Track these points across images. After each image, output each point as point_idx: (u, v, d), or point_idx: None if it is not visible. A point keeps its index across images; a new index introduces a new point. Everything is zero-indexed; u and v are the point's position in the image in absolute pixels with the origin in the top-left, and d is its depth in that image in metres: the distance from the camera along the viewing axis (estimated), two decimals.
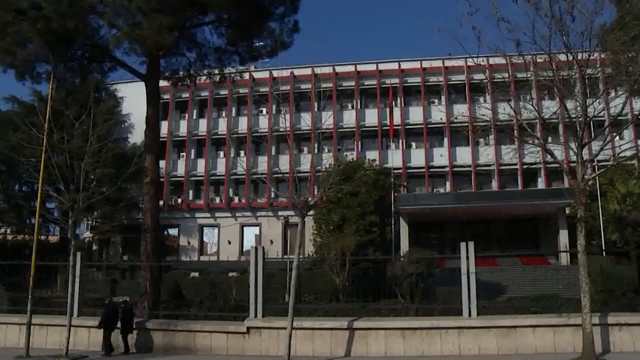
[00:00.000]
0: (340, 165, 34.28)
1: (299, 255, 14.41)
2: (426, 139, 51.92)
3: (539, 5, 13.21)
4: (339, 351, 14.70)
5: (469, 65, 43.08)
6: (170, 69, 24.07)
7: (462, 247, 15.21)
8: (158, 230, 22.14)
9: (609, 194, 38.89)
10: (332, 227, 36.74)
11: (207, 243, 53.86)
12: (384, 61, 54.50)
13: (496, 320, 14.73)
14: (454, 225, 47.65)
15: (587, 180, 14.32)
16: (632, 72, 13.27)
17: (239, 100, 56.12)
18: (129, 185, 43.93)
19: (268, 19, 22.53)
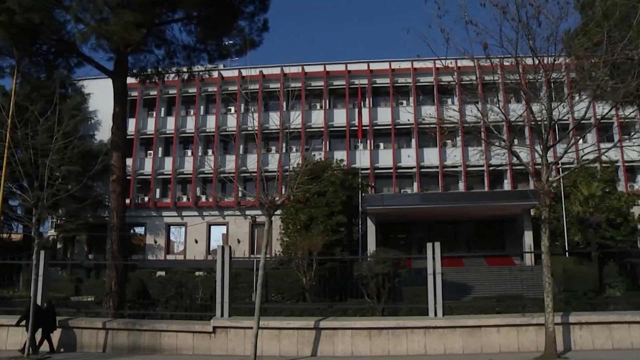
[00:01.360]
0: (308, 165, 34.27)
1: (265, 254, 14.37)
2: (394, 140, 52.24)
3: (506, 10, 13.35)
4: (305, 351, 14.70)
5: (438, 67, 43.53)
6: (139, 66, 23.82)
7: (429, 248, 15.31)
8: (124, 229, 21.90)
9: (572, 196, 39.54)
10: (299, 227, 36.79)
11: (173, 242, 53.52)
12: (353, 62, 54.70)
13: (462, 320, 14.85)
14: (421, 225, 47.95)
15: (551, 182, 14.51)
16: (595, 77, 13.49)
17: (207, 99, 55.86)
18: (95, 183, 43.57)
19: (238, 17, 22.43)
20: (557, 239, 39.89)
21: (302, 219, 37.24)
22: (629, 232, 37.80)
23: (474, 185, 51.18)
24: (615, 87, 13.39)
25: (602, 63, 13.16)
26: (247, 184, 49.49)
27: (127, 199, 31.32)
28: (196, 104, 54.77)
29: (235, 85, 52.25)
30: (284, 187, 17.23)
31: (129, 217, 31.74)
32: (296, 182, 15.45)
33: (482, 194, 47.07)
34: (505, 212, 44.06)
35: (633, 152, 39.07)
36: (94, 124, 52.87)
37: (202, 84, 51.38)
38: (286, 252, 37.30)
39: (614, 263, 30.88)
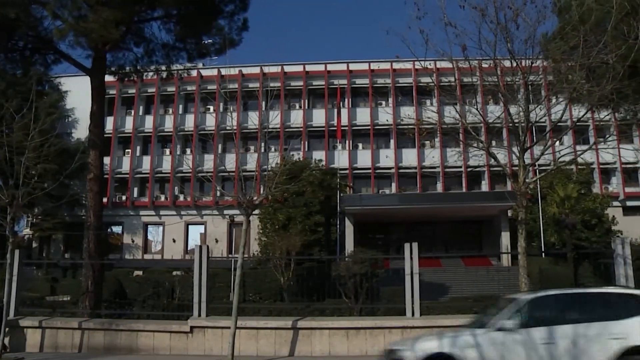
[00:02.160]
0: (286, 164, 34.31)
1: (243, 254, 14.35)
2: (373, 140, 52.38)
3: (485, 12, 13.45)
4: (283, 351, 14.69)
5: (417, 68, 43.68)
6: (117, 63, 23.61)
7: (406, 248, 15.37)
8: (101, 228, 21.75)
9: (548, 198, 39.91)
10: (277, 227, 36.75)
11: (151, 241, 53.20)
12: (332, 62, 54.76)
13: (439, 320, 14.91)
14: (399, 226, 48.13)
15: (528, 183, 14.65)
16: (572, 80, 13.64)
17: (186, 98, 55.60)
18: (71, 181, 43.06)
19: (217, 16, 22.35)
20: (533, 239, 40.24)
21: (280, 218, 37.20)
22: (603, 233, 38.19)
23: (451, 186, 51.43)
24: (590, 90, 13.55)
25: (578, 66, 13.31)
26: (226, 183, 49.25)
27: (104, 198, 31.14)
28: (175, 102, 54.49)
29: (214, 84, 52.10)
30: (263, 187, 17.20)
31: (106, 216, 31.50)
32: (274, 182, 15.45)
33: (460, 195, 47.38)
34: (483, 213, 44.36)
35: (608, 154, 39.66)
36: (71, 121, 52.37)
37: (181, 82, 51.13)
38: (264, 251, 37.21)
39: (588, 263, 31.22)
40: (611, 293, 11.24)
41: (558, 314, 10.56)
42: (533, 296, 11.18)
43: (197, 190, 51.78)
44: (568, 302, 10.94)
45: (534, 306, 10.84)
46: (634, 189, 51.37)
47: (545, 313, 10.69)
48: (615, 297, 11.00)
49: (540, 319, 10.50)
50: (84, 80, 23.97)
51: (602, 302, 10.88)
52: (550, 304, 10.98)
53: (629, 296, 11.01)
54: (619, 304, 10.65)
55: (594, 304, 10.83)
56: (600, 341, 9.93)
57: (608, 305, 10.69)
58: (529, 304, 10.85)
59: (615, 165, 50.53)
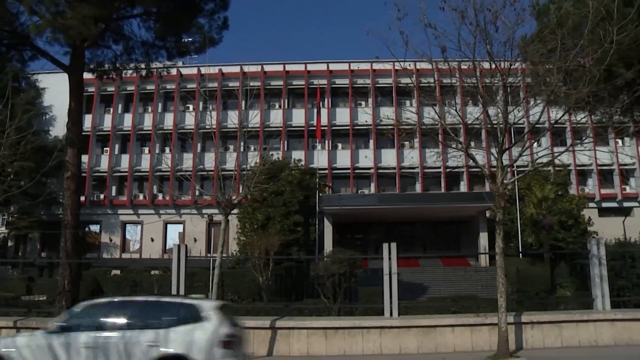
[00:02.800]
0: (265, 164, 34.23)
1: (222, 253, 14.33)
2: (352, 141, 52.46)
3: (465, 14, 13.52)
4: (261, 350, 14.68)
5: (397, 69, 43.82)
6: (96, 61, 23.41)
7: (385, 248, 15.43)
8: (79, 227, 21.54)
9: (526, 199, 40.20)
10: (256, 226, 36.65)
11: (129, 240, 52.81)
12: (312, 62, 54.74)
13: (417, 320, 15.00)
14: (378, 226, 48.22)
15: (506, 184, 14.75)
16: (550, 83, 13.76)
17: (165, 96, 55.31)
18: (49, 179, 42.72)
19: (197, 14, 22.26)
20: (511, 240, 40.54)
21: (259, 218, 37.12)
22: (579, 233, 38.55)
23: (430, 186, 51.67)
24: (568, 93, 13.68)
25: (556, 69, 13.43)
26: (205, 182, 49.09)
27: (82, 196, 30.83)
28: (154, 101, 54.18)
29: (194, 83, 51.81)
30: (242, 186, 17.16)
31: (84, 215, 31.23)
32: (253, 182, 15.44)
33: (439, 196, 47.59)
34: (461, 213, 44.59)
35: (584, 156, 39.95)
36: (48, 119, 51.89)
37: (161, 81, 50.91)
38: (243, 251, 37.11)
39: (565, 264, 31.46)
40: (163, 302, 11.84)
41: (106, 320, 11.04)
42: (88, 303, 11.80)
43: (176, 189, 51.48)
44: (118, 310, 11.28)
45: (85, 312, 11.35)
46: (609, 190, 52.00)
47: (94, 319, 11.10)
48: (168, 306, 11.53)
49: (87, 324, 10.99)
50: (62, 77, 23.74)
51: (153, 310, 11.31)
52: (101, 310, 11.39)
53: (181, 305, 11.50)
54: (170, 312, 11.13)
55: (144, 311, 11.22)
56: (139, 348, 10.39)
57: (158, 314, 11.12)
58: (81, 309, 11.46)
59: (591, 167, 51.07)
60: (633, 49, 14.86)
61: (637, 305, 16.59)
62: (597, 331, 14.89)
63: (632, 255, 17.99)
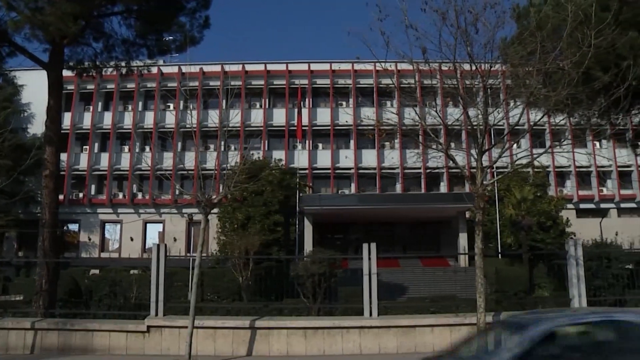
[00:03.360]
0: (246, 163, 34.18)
1: (201, 253, 14.28)
2: (333, 141, 52.53)
3: (446, 16, 13.57)
4: (240, 350, 14.65)
5: (377, 69, 43.89)
6: (75, 58, 23.15)
7: (365, 248, 15.46)
8: (57, 226, 21.32)
9: (505, 200, 40.52)
10: (236, 226, 36.60)
11: (108, 239, 52.48)
12: (293, 61, 54.76)
13: (396, 320, 15.04)
14: (358, 226, 48.37)
15: (485, 185, 14.84)
16: (529, 85, 13.86)
17: (146, 95, 55.03)
18: (26, 177, 42.35)
19: (179, 13, 22.13)
20: (490, 240, 40.85)
21: (239, 217, 37.07)
22: (557, 234, 38.94)
23: (411, 187, 51.86)
24: (547, 95, 13.78)
25: (536, 72, 13.53)
26: (185, 182, 48.95)
27: (60, 195, 30.60)
28: (134, 99, 53.89)
29: (174, 81, 51.62)
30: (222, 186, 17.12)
31: (63, 214, 30.97)
32: (233, 181, 15.39)
33: (419, 196, 47.78)
34: (441, 214, 44.82)
35: (563, 158, 40.42)
36: (27, 116, 51.39)
37: (141, 79, 50.57)
38: (223, 251, 37.03)
39: (543, 264, 31.78)
40: None
41: None
42: None
43: (155, 188, 51.30)
44: None
45: None
46: (586, 192, 52.62)
47: None
48: None
49: None
50: (40, 74, 23.46)
51: None
52: None
53: None
54: None
55: None
56: None
57: None
58: None
59: (569, 169, 51.62)
60: (610, 53, 15.06)
61: (613, 305, 16.79)
62: None
63: (608, 256, 18.24)
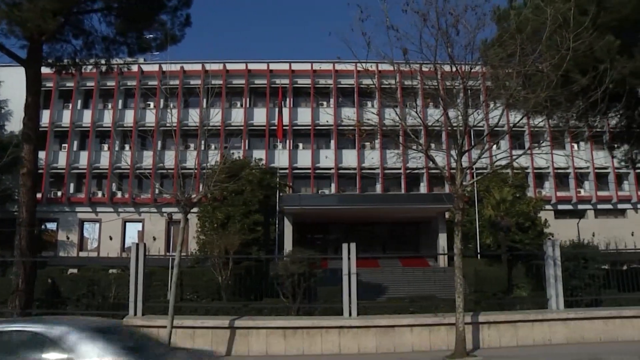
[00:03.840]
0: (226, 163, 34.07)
1: (181, 252, 14.23)
2: (313, 141, 52.57)
3: (427, 17, 13.63)
4: (220, 350, 14.59)
5: (358, 70, 43.99)
6: (54, 55, 22.91)
7: (344, 248, 15.49)
8: (34, 224, 21.11)
9: (485, 200, 40.74)
10: (216, 225, 36.46)
11: (87, 238, 52.07)
12: (275, 61, 54.76)
13: (375, 320, 15.08)
14: (338, 226, 48.45)
15: (465, 186, 14.93)
16: (509, 86, 13.97)
17: (126, 93, 54.72)
18: (3, 175, 41.89)
19: (160, 11, 22.00)
20: (469, 241, 41.03)
21: (219, 217, 36.92)
22: (536, 235, 39.19)
23: (391, 187, 52.07)
24: (526, 97, 13.90)
25: (515, 74, 13.65)
26: (165, 180, 48.62)
27: (38, 194, 30.34)
28: (114, 97, 53.57)
29: (155, 80, 51.37)
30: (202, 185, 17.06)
31: (40, 212, 30.70)
32: (213, 180, 15.35)
33: (399, 197, 47.97)
34: (421, 214, 44.99)
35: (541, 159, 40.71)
36: (4, 114, 50.93)
37: (121, 77, 50.26)
38: (202, 250, 36.86)
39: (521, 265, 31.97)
40: None
41: None
42: None
43: (135, 187, 51.02)
44: None
45: None
46: (565, 193, 53.17)
47: None
48: None
49: None
50: (18, 70, 23.18)
51: None
52: None
53: None
54: None
55: None
56: None
57: None
58: None
59: (548, 170, 52.13)
60: (588, 56, 15.20)
61: (589, 305, 17.00)
62: (551, 330, 15.19)
63: (585, 257, 18.39)
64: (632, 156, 24.78)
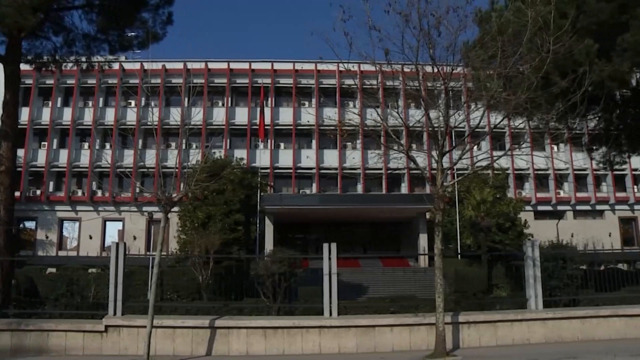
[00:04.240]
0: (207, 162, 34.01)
1: (161, 252, 14.16)
2: (295, 140, 52.58)
3: (409, 18, 13.67)
4: (199, 350, 14.55)
5: (340, 70, 44.06)
6: (34, 52, 22.64)
7: (325, 248, 15.49)
8: (12, 223, 20.88)
9: (465, 201, 40.93)
10: (197, 225, 36.35)
11: (66, 237, 51.63)
12: (257, 60, 54.72)
13: (356, 320, 15.10)
14: (319, 226, 48.49)
15: (446, 187, 15.01)
16: (490, 88, 14.05)
17: (107, 91, 54.42)
18: None
19: (142, 8, 21.84)
20: (450, 241, 41.26)
21: (200, 216, 36.82)
22: (515, 236, 39.47)
23: (372, 187, 52.20)
24: (507, 98, 13.99)
25: (496, 75, 13.73)
26: (145, 179, 48.41)
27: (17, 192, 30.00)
28: (95, 95, 53.19)
29: (136, 78, 51.04)
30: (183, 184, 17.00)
31: (19, 211, 30.44)
32: (194, 179, 15.30)
33: (380, 197, 48.12)
34: (402, 215, 45.15)
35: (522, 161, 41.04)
36: None
37: (102, 75, 49.93)
38: (183, 249, 36.73)
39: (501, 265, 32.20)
40: None
41: None
42: None
43: (115, 186, 50.72)
44: None
45: None
46: (544, 194, 53.65)
47: None
48: None
49: None
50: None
51: None
52: None
53: None
54: None
55: None
56: None
57: None
58: None
59: (528, 172, 52.57)
60: (568, 59, 15.35)
61: (567, 305, 17.16)
62: (530, 330, 15.31)
63: (564, 257, 18.54)
64: (610, 158, 25.06)
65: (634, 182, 54.79)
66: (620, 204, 54.57)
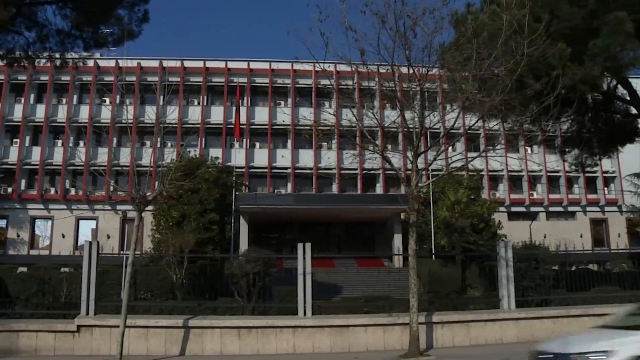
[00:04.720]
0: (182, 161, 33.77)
1: (134, 251, 14.08)
2: (270, 140, 52.50)
3: (385, 19, 13.75)
4: (173, 350, 14.51)
5: (317, 70, 44.07)
6: (5, 47, 22.31)
7: (300, 248, 15.53)
8: None
9: (440, 202, 41.12)
10: (171, 224, 36.08)
11: (38, 236, 50.95)
12: (233, 59, 54.52)
13: (330, 320, 15.15)
14: (294, 226, 48.44)
15: (420, 187, 15.11)
16: (465, 90, 14.17)
17: (81, 88, 53.74)
18: None
19: (117, 5, 21.64)
20: (424, 242, 41.39)
21: (174, 215, 36.55)
22: (489, 236, 39.71)
23: (347, 188, 52.26)
24: (482, 100, 14.13)
25: (471, 77, 13.85)
26: (119, 178, 47.91)
27: None
28: (69, 92, 52.54)
29: (111, 75, 50.54)
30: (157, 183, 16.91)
31: None
32: (169, 178, 15.24)
33: (355, 197, 48.22)
34: (376, 215, 45.26)
35: (496, 162, 41.43)
36: None
37: (76, 72, 49.25)
38: (157, 248, 36.44)
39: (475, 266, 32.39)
40: None
41: None
42: None
43: (89, 184, 50.16)
44: None
45: None
46: (518, 195, 54.15)
47: None
48: None
49: None
50: None
51: None
52: None
53: None
54: None
55: None
56: None
57: None
58: None
59: (502, 173, 53.04)
60: (541, 62, 15.54)
61: (539, 305, 17.39)
62: (503, 329, 15.50)
63: (536, 258, 18.77)
64: (582, 160, 25.38)
65: (604, 185, 55.56)
66: (591, 205, 55.34)
